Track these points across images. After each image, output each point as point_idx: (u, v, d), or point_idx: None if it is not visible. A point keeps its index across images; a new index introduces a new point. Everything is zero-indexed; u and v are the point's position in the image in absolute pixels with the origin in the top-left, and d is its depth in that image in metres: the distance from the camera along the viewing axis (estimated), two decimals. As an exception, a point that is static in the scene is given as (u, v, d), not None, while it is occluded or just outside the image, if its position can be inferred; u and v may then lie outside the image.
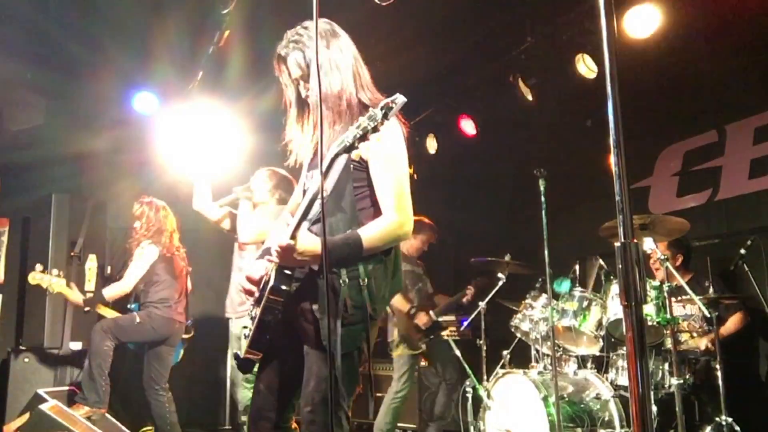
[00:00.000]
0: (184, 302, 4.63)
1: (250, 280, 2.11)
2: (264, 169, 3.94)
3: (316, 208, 2.01)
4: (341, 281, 1.93)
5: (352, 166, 2.01)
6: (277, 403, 2.09)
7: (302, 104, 2.21)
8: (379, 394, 5.77)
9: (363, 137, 1.80)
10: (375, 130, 1.79)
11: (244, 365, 2.07)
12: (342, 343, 1.89)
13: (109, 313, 4.57)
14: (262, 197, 3.86)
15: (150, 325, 4.40)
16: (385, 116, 1.78)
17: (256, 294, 2.09)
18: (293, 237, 1.91)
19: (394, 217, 1.97)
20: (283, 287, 1.97)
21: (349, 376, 1.94)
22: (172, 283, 4.55)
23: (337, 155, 1.85)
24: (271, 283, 1.97)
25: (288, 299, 1.99)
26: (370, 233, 1.95)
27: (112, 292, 4.52)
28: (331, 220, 1.98)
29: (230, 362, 5.74)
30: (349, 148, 1.83)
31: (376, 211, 2.03)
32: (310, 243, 1.93)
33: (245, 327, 2.12)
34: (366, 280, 1.95)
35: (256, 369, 2.14)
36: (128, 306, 4.63)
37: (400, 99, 1.79)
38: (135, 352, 4.58)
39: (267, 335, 2.02)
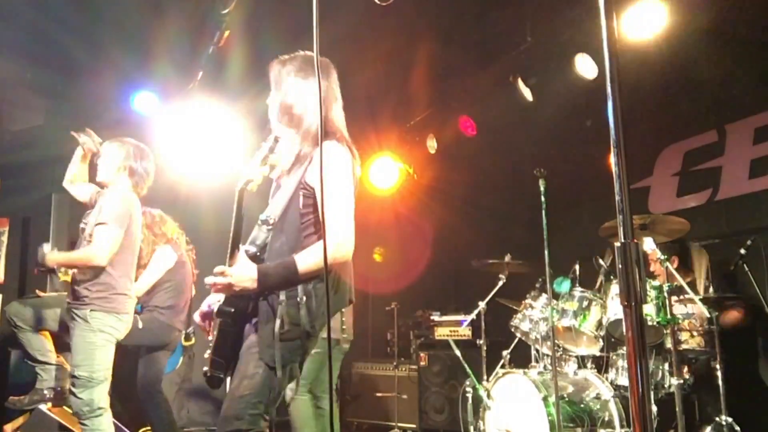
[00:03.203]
0: (187, 311, 4.61)
1: (202, 315, 2.25)
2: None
3: (256, 233, 2.16)
4: (279, 300, 2.01)
5: (301, 193, 2.10)
6: None
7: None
8: (378, 394, 5.78)
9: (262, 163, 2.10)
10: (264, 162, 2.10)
11: (211, 381, 2.15)
12: (281, 356, 1.99)
13: None
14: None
15: (152, 331, 4.36)
16: (271, 150, 2.12)
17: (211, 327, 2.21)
18: (230, 265, 2.04)
19: (334, 240, 2.00)
20: (229, 309, 2.07)
21: (273, 388, 2.02)
22: (181, 291, 4.51)
23: (241, 190, 2.11)
24: (218, 306, 2.08)
25: (235, 321, 2.09)
26: (306, 257, 2.02)
27: None
28: (275, 245, 2.08)
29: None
30: (248, 182, 2.11)
31: (319, 236, 2.07)
32: (242, 273, 2.01)
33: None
34: (304, 299, 2.01)
35: None
36: None
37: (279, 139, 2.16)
38: (133, 352, 4.57)
39: (228, 355, 2.11)
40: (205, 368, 2.13)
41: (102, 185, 3.60)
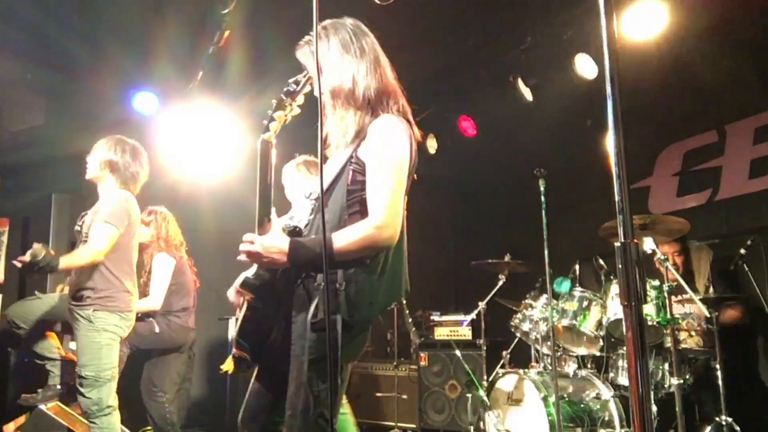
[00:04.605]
0: (193, 311, 4.62)
1: (237, 291, 2.15)
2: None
3: (299, 207, 2.04)
4: (315, 285, 1.86)
5: (351, 168, 1.96)
6: (270, 405, 2.07)
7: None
8: (378, 394, 5.78)
9: (270, 118, 2.00)
10: (280, 107, 1.99)
11: (238, 364, 2.07)
12: (312, 347, 1.83)
13: None
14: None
15: (169, 334, 4.37)
16: (286, 94, 1.99)
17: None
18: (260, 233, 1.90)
19: (375, 221, 1.85)
20: (255, 282, 1.95)
21: (322, 381, 1.83)
22: (188, 292, 4.53)
23: (263, 144, 2.00)
24: (243, 276, 1.96)
25: (261, 298, 1.97)
26: (344, 237, 1.84)
27: (139, 307, 4.11)
28: (317, 222, 1.94)
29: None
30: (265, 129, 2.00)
31: (365, 216, 1.91)
32: (272, 242, 1.86)
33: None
34: (343, 285, 1.83)
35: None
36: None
37: (301, 78, 2.00)
38: (136, 354, 4.56)
39: (251, 338, 2.01)
40: (234, 350, 2.04)
41: (91, 182, 3.60)
